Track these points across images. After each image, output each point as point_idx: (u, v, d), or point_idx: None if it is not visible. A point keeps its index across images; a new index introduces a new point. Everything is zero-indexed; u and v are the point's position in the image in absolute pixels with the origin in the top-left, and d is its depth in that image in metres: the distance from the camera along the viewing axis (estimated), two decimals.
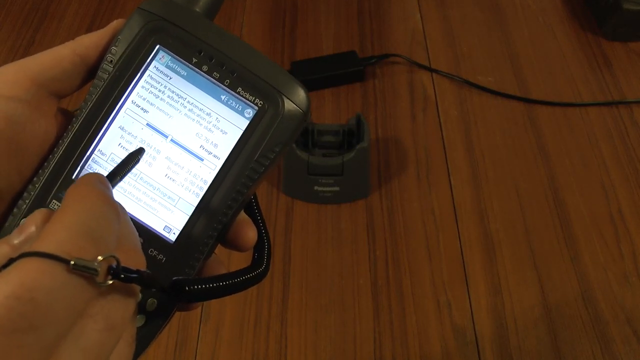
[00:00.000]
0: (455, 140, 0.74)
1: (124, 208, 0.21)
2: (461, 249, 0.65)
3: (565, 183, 0.70)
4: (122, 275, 0.18)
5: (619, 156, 0.73)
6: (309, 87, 0.89)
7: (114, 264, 0.18)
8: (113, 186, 0.22)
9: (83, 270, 0.17)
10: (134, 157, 0.25)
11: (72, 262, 0.17)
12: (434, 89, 0.80)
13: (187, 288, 0.23)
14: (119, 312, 0.18)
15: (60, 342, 0.16)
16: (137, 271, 0.19)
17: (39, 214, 0.19)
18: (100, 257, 0.17)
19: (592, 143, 0.74)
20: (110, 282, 0.18)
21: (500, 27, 0.88)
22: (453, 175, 0.71)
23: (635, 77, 0.80)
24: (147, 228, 0.26)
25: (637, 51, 0.84)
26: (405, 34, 0.87)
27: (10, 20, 0.90)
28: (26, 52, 0.85)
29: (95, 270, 0.17)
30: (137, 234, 0.22)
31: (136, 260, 0.20)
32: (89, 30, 0.88)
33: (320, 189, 0.67)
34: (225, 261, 0.63)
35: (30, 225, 0.19)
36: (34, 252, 0.17)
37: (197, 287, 0.23)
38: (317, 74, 0.80)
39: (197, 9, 0.28)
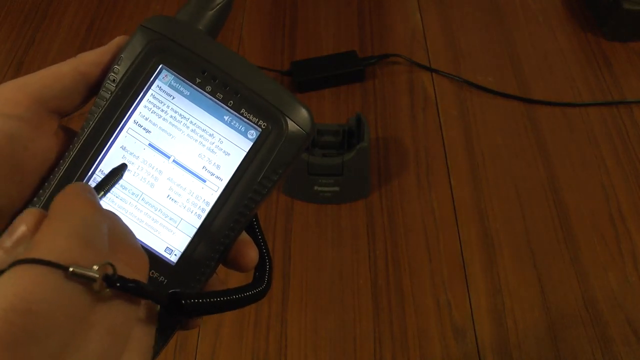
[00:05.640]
0: (455, 140, 0.74)
1: (115, 213, 0.21)
2: (461, 249, 0.65)
3: (565, 183, 0.70)
4: (118, 284, 0.18)
5: (619, 156, 0.73)
6: (309, 87, 0.89)
7: (110, 272, 0.18)
8: None
9: (81, 278, 0.17)
10: (117, 172, 0.25)
11: (71, 269, 0.16)
12: (434, 89, 0.80)
13: (184, 302, 0.22)
14: (120, 318, 0.18)
15: (63, 352, 0.16)
16: (133, 281, 0.18)
17: (29, 214, 0.19)
18: (96, 266, 0.17)
19: (592, 143, 0.74)
20: (107, 290, 0.17)
21: (500, 27, 0.88)
22: (453, 175, 0.71)
23: (635, 77, 0.80)
24: (148, 249, 0.26)
25: (637, 51, 0.84)
26: (405, 34, 0.87)
27: (10, 20, 0.90)
28: (26, 52, 0.85)
29: (94, 278, 0.17)
30: (134, 235, 0.21)
31: (137, 258, 0.20)
32: (89, 30, 0.88)
33: (320, 189, 0.67)
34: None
35: (19, 225, 0.19)
36: (29, 259, 0.16)
37: (194, 301, 0.23)
38: (317, 74, 0.80)
39: (201, 27, 0.27)
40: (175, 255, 0.26)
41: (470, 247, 0.65)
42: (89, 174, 0.25)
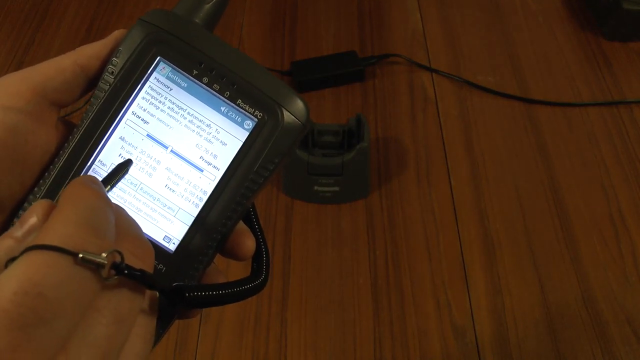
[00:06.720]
0: (455, 140, 0.74)
1: (120, 206, 0.22)
2: (461, 249, 0.65)
3: (565, 183, 0.70)
4: (126, 272, 0.18)
5: (619, 156, 0.73)
6: (309, 87, 0.89)
7: (118, 260, 0.18)
8: None
9: (90, 264, 0.17)
10: (123, 167, 0.25)
11: (81, 255, 0.17)
12: (434, 89, 0.80)
13: (187, 294, 0.23)
14: (126, 304, 0.18)
15: (70, 336, 0.17)
16: (140, 270, 0.19)
17: (39, 205, 0.20)
18: (104, 254, 0.18)
19: (592, 143, 0.74)
20: (115, 277, 0.18)
21: (500, 27, 0.88)
22: (453, 175, 0.71)
23: (635, 77, 0.80)
24: (147, 238, 0.26)
25: (637, 51, 0.84)
26: (405, 34, 0.87)
27: (10, 20, 0.90)
28: (26, 52, 0.85)
29: (102, 264, 0.17)
30: (138, 225, 0.22)
31: (143, 248, 0.21)
32: (89, 30, 0.88)
33: (320, 189, 0.67)
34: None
35: (30, 216, 0.19)
36: (40, 245, 0.17)
37: (197, 293, 0.23)
38: (317, 74, 0.80)
39: (198, 20, 0.28)
40: (174, 243, 0.26)
41: (470, 247, 0.65)
42: (88, 164, 0.26)
